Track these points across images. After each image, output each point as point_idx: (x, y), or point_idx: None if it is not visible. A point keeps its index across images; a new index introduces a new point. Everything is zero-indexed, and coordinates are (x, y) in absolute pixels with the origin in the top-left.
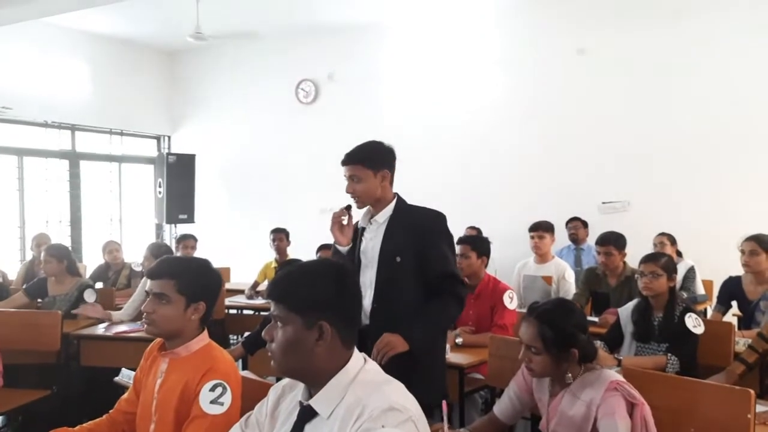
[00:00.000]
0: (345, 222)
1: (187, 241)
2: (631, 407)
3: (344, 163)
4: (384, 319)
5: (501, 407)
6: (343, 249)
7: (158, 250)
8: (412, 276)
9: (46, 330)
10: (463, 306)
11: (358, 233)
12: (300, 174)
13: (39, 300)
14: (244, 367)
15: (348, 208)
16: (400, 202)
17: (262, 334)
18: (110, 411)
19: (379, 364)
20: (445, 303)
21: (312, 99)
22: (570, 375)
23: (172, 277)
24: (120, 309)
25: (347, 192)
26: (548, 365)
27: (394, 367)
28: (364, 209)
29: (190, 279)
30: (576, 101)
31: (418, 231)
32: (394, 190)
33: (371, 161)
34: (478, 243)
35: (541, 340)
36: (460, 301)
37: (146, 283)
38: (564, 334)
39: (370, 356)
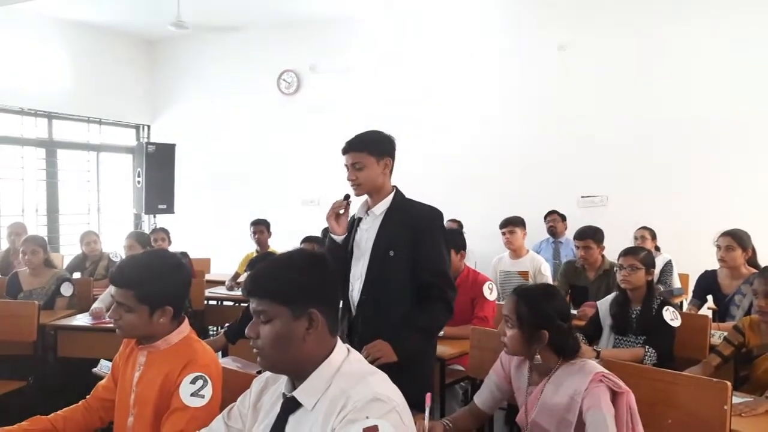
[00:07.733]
0: (342, 212)
1: (156, 234)
2: (614, 396)
3: (346, 150)
4: (371, 312)
5: (481, 397)
6: (338, 238)
7: (142, 237)
8: (403, 271)
9: (23, 320)
10: (452, 311)
11: (353, 224)
12: (281, 165)
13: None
14: (224, 355)
15: (347, 197)
16: (399, 195)
17: (246, 332)
18: (87, 397)
19: None
20: (433, 310)
21: (294, 90)
22: (539, 357)
23: (130, 288)
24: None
25: (349, 179)
26: (518, 341)
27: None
28: (361, 201)
29: (150, 287)
30: (556, 97)
31: (415, 226)
32: None
33: (374, 148)
34: (455, 239)
35: (516, 314)
36: (449, 306)
37: None
38: (539, 314)
39: (353, 347)
